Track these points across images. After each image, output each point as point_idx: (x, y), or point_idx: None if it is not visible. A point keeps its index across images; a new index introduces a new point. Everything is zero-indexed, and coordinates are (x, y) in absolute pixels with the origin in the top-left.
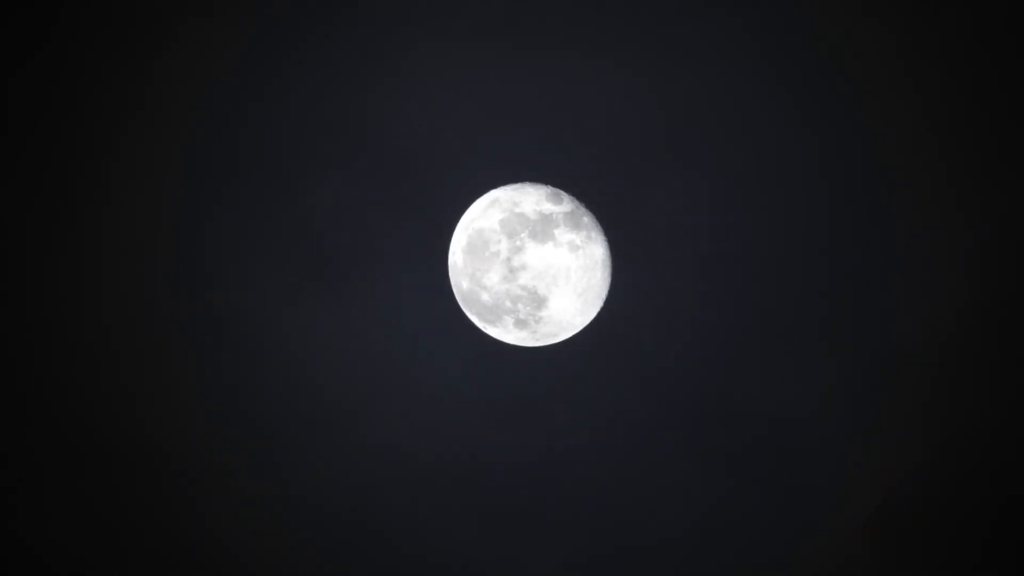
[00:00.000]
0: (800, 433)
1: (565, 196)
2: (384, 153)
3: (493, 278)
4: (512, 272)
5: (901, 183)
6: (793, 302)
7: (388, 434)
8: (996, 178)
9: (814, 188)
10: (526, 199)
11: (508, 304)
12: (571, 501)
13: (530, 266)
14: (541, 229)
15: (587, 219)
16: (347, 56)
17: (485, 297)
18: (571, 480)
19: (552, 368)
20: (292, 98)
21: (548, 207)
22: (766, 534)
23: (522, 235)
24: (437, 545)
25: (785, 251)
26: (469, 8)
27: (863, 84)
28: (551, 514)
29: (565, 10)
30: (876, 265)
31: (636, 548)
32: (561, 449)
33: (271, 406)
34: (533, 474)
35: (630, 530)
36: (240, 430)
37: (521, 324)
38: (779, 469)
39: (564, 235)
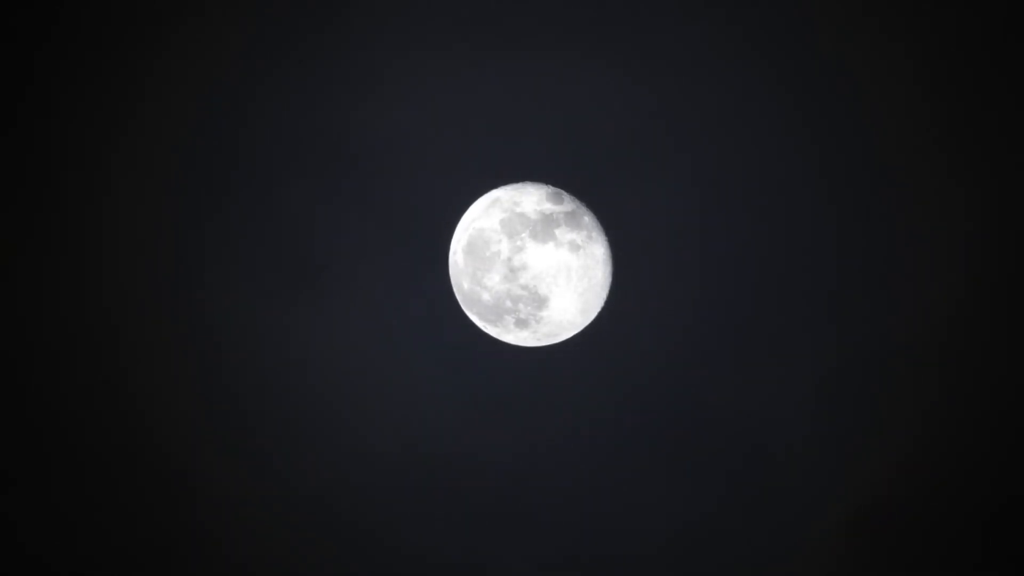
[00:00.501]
0: (800, 434)
1: (566, 196)
2: (385, 153)
3: (494, 278)
4: (513, 272)
5: (901, 183)
6: (794, 302)
7: (388, 434)
8: (996, 177)
9: (814, 188)
10: (527, 199)
11: (509, 304)
12: (571, 501)
13: (531, 266)
14: (542, 229)
15: (588, 219)
16: (347, 56)
17: (486, 297)
18: (571, 480)
19: (553, 368)
20: (292, 98)
21: (549, 207)
22: (764, 535)
23: (523, 235)
24: (437, 545)
25: (785, 251)
26: (469, 8)
27: (863, 84)
28: (551, 514)
29: (565, 10)
30: (877, 265)
31: (636, 548)
32: (561, 449)
33: (271, 406)
34: (533, 474)
35: (630, 530)
36: (240, 430)
37: (522, 324)
38: (779, 470)
39: (565, 235)
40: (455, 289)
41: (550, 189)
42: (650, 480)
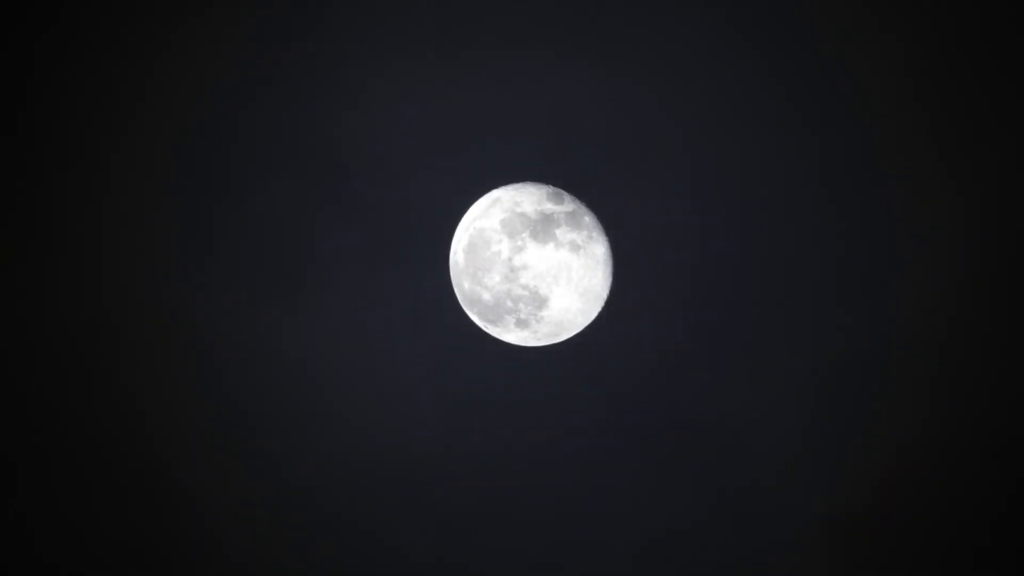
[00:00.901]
0: (801, 434)
1: (566, 196)
2: (385, 153)
3: (494, 278)
4: (513, 272)
5: (901, 183)
6: (794, 302)
7: (388, 434)
8: (996, 177)
9: (814, 188)
10: (527, 199)
11: (509, 304)
12: (571, 501)
13: (531, 266)
14: (542, 229)
15: (588, 219)
16: (347, 56)
17: (486, 297)
18: (571, 480)
19: (553, 368)
20: (292, 98)
21: (549, 207)
22: (763, 535)
23: (523, 235)
24: (437, 545)
25: (785, 251)
26: (470, 8)
27: (863, 84)
28: (551, 514)
29: (566, 10)
30: (876, 265)
31: (636, 547)
32: (561, 449)
33: (271, 407)
34: (533, 474)
35: (630, 529)
36: (240, 430)
37: (522, 324)
38: (779, 470)
39: (565, 235)
40: (455, 289)
41: (550, 189)
42: (650, 480)
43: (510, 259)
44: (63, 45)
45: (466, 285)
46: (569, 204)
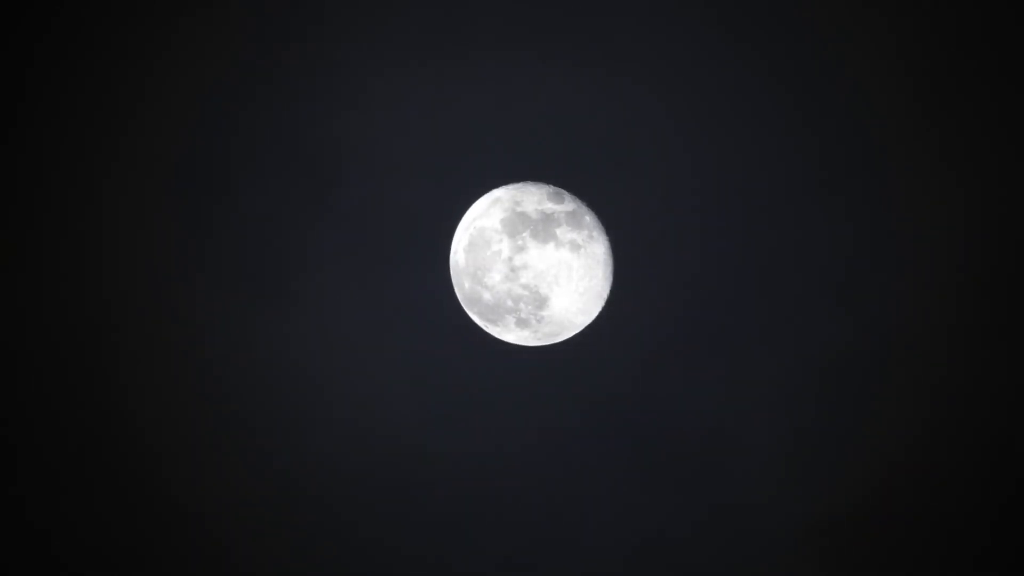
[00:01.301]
0: (801, 434)
1: (567, 195)
2: (386, 153)
3: (495, 277)
4: (514, 271)
5: (902, 182)
6: (794, 303)
7: (388, 434)
8: (997, 177)
9: (814, 188)
10: (528, 198)
11: (509, 303)
12: (571, 501)
13: (531, 265)
14: (543, 228)
15: (588, 218)
16: (349, 56)
17: (487, 296)
18: (572, 480)
19: (553, 368)
20: (293, 98)
21: (550, 206)
22: (762, 535)
23: (524, 234)
24: (438, 545)
25: (785, 251)
26: (470, 9)
27: (863, 84)
28: (551, 514)
29: (566, 11)
30: (876, 265)
31: (637, 546)
32: (561, 449)
33: (271, 407)
34: (534, 474)
35: (631, 529)
36: (241, 431)
37: (523, 323)
38: (779, 470)
39: (566, 234)
40: (456, 288)
41: (551, 189)
42: (649, 480)
43: (510, 259)
44: (63, 45)
45: (466, 285)
46: (569, 204)
